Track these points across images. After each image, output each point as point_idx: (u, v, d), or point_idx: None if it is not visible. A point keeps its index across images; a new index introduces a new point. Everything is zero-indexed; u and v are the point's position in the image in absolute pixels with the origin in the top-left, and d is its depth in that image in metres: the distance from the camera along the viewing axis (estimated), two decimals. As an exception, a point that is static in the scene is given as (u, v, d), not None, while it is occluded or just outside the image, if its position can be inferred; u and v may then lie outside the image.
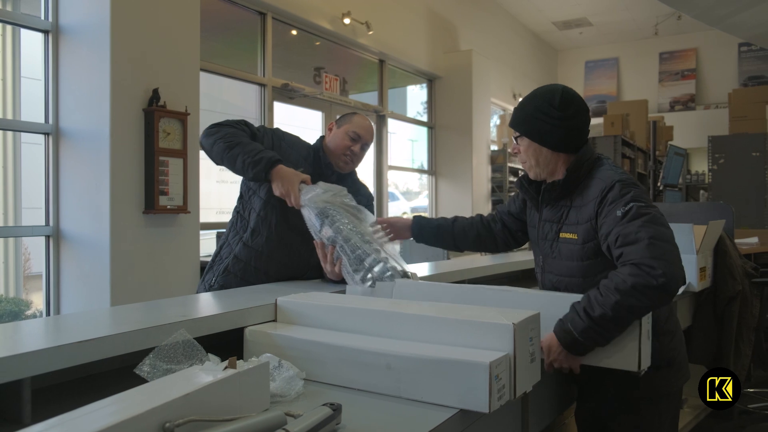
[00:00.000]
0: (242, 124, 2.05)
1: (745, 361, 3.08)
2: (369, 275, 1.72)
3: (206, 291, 2.06)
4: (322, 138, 2.19)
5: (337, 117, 2.22)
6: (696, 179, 9.35)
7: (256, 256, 2.05)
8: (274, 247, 2.05)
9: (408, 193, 8.41)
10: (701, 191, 8.66)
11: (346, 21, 5.70)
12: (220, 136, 1.95)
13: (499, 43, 9.02)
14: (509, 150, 7.82)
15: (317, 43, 5.87)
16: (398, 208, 7.60)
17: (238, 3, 4.84)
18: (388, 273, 1.72)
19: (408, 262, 1.88)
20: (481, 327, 1.26)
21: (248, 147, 1.90)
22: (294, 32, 5.52)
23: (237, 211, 2.12)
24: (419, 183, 8.42)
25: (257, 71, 5.07)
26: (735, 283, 3.02)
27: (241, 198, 2.13)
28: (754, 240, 4.60)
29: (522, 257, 2.90)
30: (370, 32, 6.02)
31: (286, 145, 2.10)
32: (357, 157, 2.15)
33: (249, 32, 5.13)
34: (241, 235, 2.07)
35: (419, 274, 1.98)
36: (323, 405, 1.05)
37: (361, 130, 2.12)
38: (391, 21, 6.48)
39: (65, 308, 3.55)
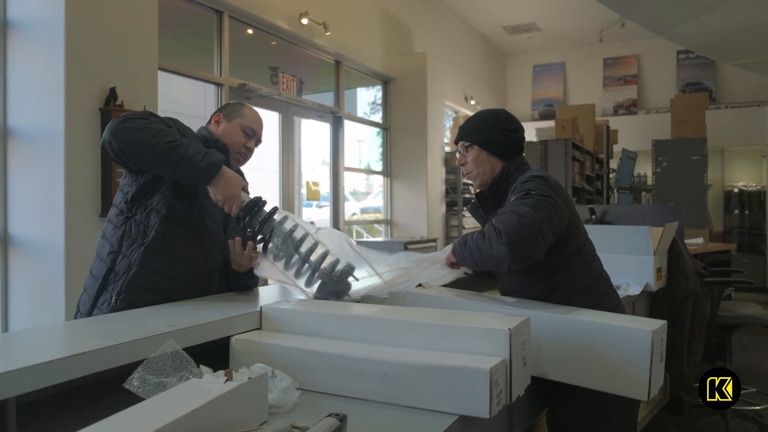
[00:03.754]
0: (156, 116, 1.77)
1: (697, 357, 3.22)
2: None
3: (109, 311, 1.75)
4: (205, 129, 1.99)
5: (222, 107, 2.05)
6: (639, 181, 9.66)
7: (166, 262, 1.79)
8: (190, 243, 1.83)
9: (356, 194, 8.40)
10: (643, 192, 8.98)
11: (304, 21, 5.64)
12: (154, 133, 1.65)
13: (451, 47, 9.12)
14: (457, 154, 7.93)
15: (273, 43, 5.79)
16: (348, 209, 7.57)
17: (194, 0, 4.72)
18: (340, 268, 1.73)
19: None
20: (477, 333, 1.27)
21: (190, 149, 1.67)
22: (250, 31, 5.43)
23: (126, 216, 1.80)
24: (366, 183, 8.42)
25: (213, 70, 4.97)
26: (688, 283, 3.15)
27: (132, 200, 1.80)
28: (700, 240, 4.82)
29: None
30: (328, 33, 5.99)
31: (189, 137, 1.82)
32: (251, 154, 2.02)
33: (205, 30, 5.02)
34: (141, 241, 1.78)
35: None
36: (328, 416, 1.03)
37: (255, 125, 2.00)
38: (348, 22, 6.46)
39: (14, 318, 3.38)
